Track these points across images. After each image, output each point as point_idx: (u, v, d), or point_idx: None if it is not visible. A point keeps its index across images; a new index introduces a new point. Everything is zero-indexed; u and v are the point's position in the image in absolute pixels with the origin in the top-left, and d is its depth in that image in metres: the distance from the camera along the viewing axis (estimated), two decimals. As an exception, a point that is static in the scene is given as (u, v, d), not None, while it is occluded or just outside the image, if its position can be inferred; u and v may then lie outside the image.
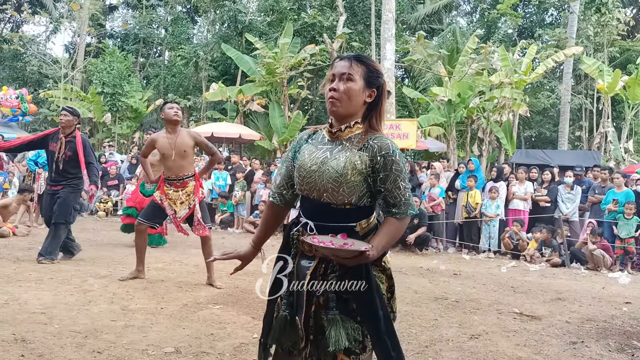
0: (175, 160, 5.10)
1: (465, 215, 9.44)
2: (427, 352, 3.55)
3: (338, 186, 1.89)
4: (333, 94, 1.92)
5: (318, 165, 1.94)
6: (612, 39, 18.75)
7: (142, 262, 5.33)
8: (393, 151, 1.89)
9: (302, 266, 1.97)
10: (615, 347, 3.90)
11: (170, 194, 5.18)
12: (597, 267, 7.98)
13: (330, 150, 1.96)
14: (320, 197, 1.93)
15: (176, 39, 24.66)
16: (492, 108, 14.93)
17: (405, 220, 1.93)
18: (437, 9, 23.36)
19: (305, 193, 1.98)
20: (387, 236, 1.89)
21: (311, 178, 1.94)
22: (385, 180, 1.89)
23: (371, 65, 1.97)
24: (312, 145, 2.02)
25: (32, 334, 3.40)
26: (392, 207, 1.91)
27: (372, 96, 1.96)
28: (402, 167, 1.90)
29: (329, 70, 2.00)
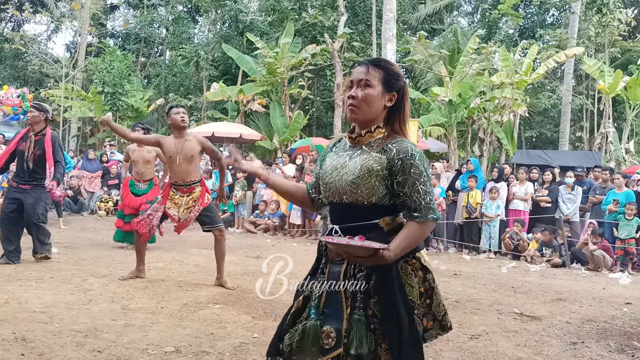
0: (181, 164, 5.07)
1: (466, 215, 9.44)
2: (427, 352, 3.52)
3: (356, 188, 1.89)
4: (352, 101, 1.92)
5: (337, 170, 1.95)
6: (613, 40, 18.72)
7: (142, 262, 5.33)
8: (412, 155, 1.86)
9: (333, 271, 1.95)
10: (616, 347, 3.90)
11: (176, 199, 5.14)
12: (598, 268, 7.97)
13: (350, 155, 1.96)
14: (341, 200, 1.94)
15: (177, 39, 24.68)
16: (493, 108, 14.93)
17: (427, 224, 1.88)
18: (438, 9, 23.35)
19: (329, 199, 2.00)
20: (406, 240, 1.84)
21: (332, 184, 1.96)
22: (403, 184, 1.86)
23: (390, 69, 1.95)
24: (335, 153, 2.03)
25: (32, 333, 3.40)
26: (413, 212, 1.87)
27: (393, 100, 1.95)
28: (423, 171, 1.87)
29: (347, 76, 2.00)
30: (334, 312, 1.88)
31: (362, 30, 20.51)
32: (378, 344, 1.81)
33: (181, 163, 5.07)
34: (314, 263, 2.06)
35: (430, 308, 1.93)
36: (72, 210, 11.78)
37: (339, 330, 1.83)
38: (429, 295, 1.93)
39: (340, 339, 1.82)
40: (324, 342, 1.85)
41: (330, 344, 1.84)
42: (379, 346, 1.81)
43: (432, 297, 1.94)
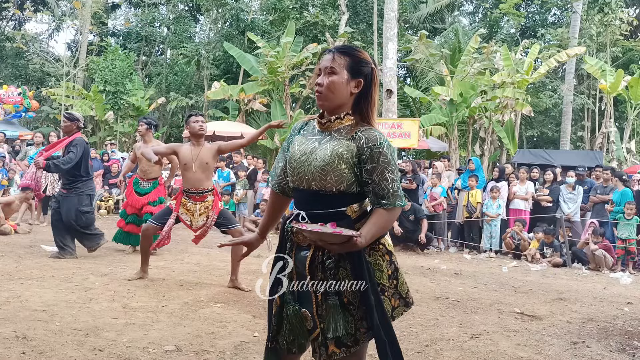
0: (196, 172, 5.04)
1: (467, 215, 9.43)
2: (427, 352, 3.54)
3: (325, 174, 1.91)
4: (317, 88, 1.95)
5: (307, 155, 1.97)
6: (614, 39, 18.71)
7: (147, 263, 5.29)
8: (381, 143, 1.90)
9: (300, 257, 1.99)
10: (616, 347, 3.89)
11: (189, 205, 5.12)
12: (599, 268, 7.97)
13: (319, 140, 1.98)
14: (309, 186, 1.96)
15: (178, 38, 24.68)
16: (494, 108, 14.93)
17: (394, 211, 1.93)
18: (440, 8, 23.33)
19: (296, 184, 2.01)
20: (375, 226, 1.89)
21: (300, 168, 1.97)
22: (372, 172, 1.90)
23: (356, 55, 1.96)
24: (303, 136, 2.05)
25: (33, 332, 3.40)
26: (381, 199, 1.91)
27: (359, 86, 1.96)
28: (391, 159, 1.91)
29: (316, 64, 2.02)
30: (304, 296, 1.97)
31: (364, 29, 20.50)
32: (357, 328, 1.89)
33: (196, 171, 5.04)
34: (277, 249, 2.09)
35: (396, 288, 1.99)
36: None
37: (312, 313, 1.93)
38: (394, 276, 1.99)
39: (316, 322, 1.92)
40: (307, 324, 1.95)
41: (309, 325, 1.95)
42: (357, 330, 1.89)
43: (398, 278, 2.00)
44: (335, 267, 1.92)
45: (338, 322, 1.87)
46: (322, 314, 1.91)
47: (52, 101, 21.21)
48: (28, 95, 18.44)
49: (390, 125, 10.30)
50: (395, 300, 1.99)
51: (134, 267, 5.57)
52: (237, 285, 5.06)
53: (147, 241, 5.22)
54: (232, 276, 5.14)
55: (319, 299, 1.93)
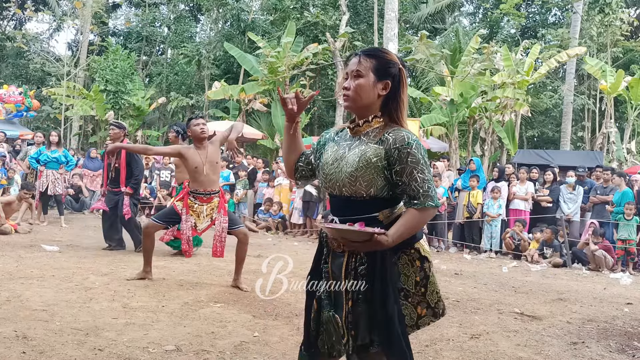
0: (208, 174, 5.04)
1: (467, 215, 9.43)
2: (427, 352, 3.55)
3: (354, 180, 1.91)
4: (345, 92, 1.96)
5: (337, 162, 1.97)
6: (615, 40, 18.71)
7: (149, 263, 5.23)
8: (409, 143, 1.87)
9: (335, 262, 1.99)
10: (616, 347, 3.89)
11: (195, 207, 5.09)
12: (599, 268, 7.97)
13: (349, 146, 1.98)
14: (341, 193, 1.96)
15: (179, 37, 24.69)
16: (495, 108, 14.92)
17: (426, 211, 1.90)
18: (440, 9, 23.34)
19: (329, 190, 2.02)
20: (404, 226, 1.87)
21: (332, 175, 1.98)
22: (401, 173, 1.88)
23: (382, 57, 1.95)
24: (336, 143, 2.05)
25: (33, 331, 3.41)
26: (412, 199, 1.89)
27: (387, 88, 1.95)
28: (420, 158, 1.88)
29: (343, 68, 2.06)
30: (337, 301, 1.96)
31: (364, 29, 20.48)
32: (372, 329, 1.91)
33: (207, 173, 5.03)
34: (316, 254, 2.10)
35: (424, 296, 1.97)
36: (74, 208, 11.79)
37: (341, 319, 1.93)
38: (423, 284, 1.97)
39: (344, 329, 1.92)
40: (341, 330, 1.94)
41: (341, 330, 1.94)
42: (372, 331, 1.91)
43: (427, 286, 1.97)
44: (367, 272, 1.90)
45: (367, 330, 1.88)
46: (351, 321, 1.91)
47: (53, 101, 21.22)
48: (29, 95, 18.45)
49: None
50: (422, 308, 1.97)
51: (134, 267, 5.57)
52: (238, 285, 5.06)
53: (150, 240, 5.17)
54: (235, 275, 5.13)
55: (349, 306, 1.92)
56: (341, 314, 1.93)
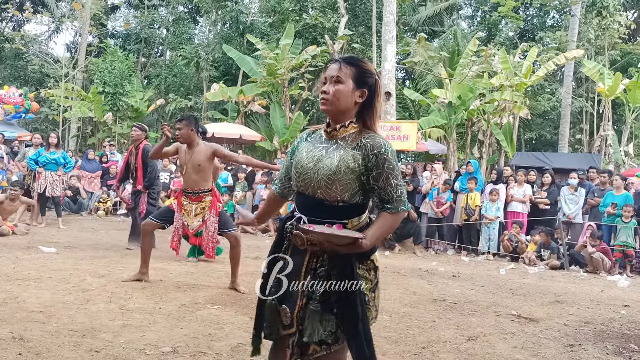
0: (189, 173, 5.07)
1: (465, 217, 9.44)
2: (424, 354, 3.55)
3: (331, 183, 1.99)
4: (323, 95, 2.04)
5: (314, 163, 2.04)
6: (613, 42, 18.75)
7: (147, 264, 5.22)
8: (385, 150, 1.98)
9: (295, 259, 2.08)
10: (613, 350, 3.90)
11: (185, 205, 5.13)
12: (596, 270, 7.98)
13: (326, 148, 2.06)
14: (314, 194, 2.03)
15: (177, 39, 24.69)
16: (493, 110, 14.94)
17: (398, 215, 2.03)
18: (439, 11, 23.38)
19: (301, 189, 2.08)
20: (380, 229, 2.00)
21: (307, 175, 2.05)
22: (377, 178, 1.99)
23: (361, 66, 2.05)
24: (310, 144, 2.13)
25: (30, 333, 3.40)
26: (385, 203, 2.02)
27: (364, 96, 2.04)
28: (395, 165, 2.00)
29: (322, 72, 2.11)
30: (291, 295, 2.06)
31: (363, 31, 20.52)
32: (338, 327, 1.98)
33: (189, 172, 5.07)
34: (273, 247, 2.19)
35: (374, 301, 2.09)
36: (71, 210, 11.78)
37: (293, 312, 2.03)
38: (374, 289, 2.09)
39: (293, 321, 2.02)
40: (283, 319, 2.06)
41: (287, 321, 2.05)
42: (339, 328, 1.98)
43: (376, 292, 2.11)
44: (326, 275, 2.00)
45: (316, 329, 1.96)
46: (302, 317, 2.01)
47: (51, 102, 21.20)
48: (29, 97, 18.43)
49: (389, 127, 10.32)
50: (372, 311, 2.09)
51: (131, 269, 5.56)
52: (236, 287, 5.07)
53: (147, 239, 5.18)
54: (232, 277, 5.14)
55: (303, 302, 2.02)
56: (292, 307, 2.03)
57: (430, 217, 9.76)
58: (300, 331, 2.02)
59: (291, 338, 2.05)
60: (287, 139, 15.97)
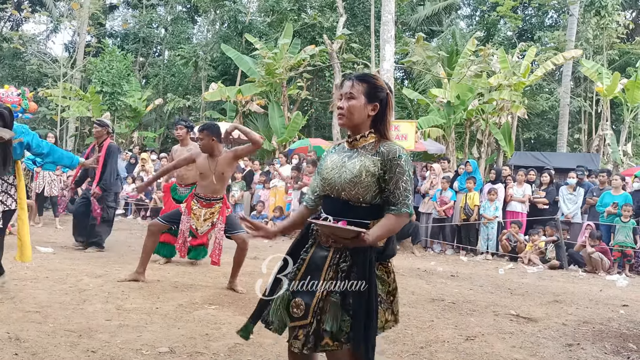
0: (212, 182, 5.04)
1: (464, 217, 9.43)
2: (422, 353, 3.54)
3: (354, 186, 2.18)
4: (339, 111, 2.26)
5: (338, 168, 2.25)
6: (611, 42, 18.75)
7: (145, 265, 5.18)
8: (399, 156, 2.17)
9: (318, 255, 2.23)
10: (611, 349, 3.89)
11: (195, 209, 5.11)
12: (595, 270, 7.98)
13: (349, 156, 2.27)
14: (339, 196, 2.22)
15: (176, 39, 24.64)
16: (491, 110, 14.94)
17: (402, 217, 2.17)
18: (437, 11, 23.36)
19: (326, 192, 2.28)
20: (383, 229, 2.14)
21: (331, 179, 2.25)
22: (389, 181, 2.17)
23: (372, 82, 2.26)
24: (336, 154, 2.35)
25: (26, 333, 3.39)
26: (391, 205, 2.17)
27: (376, 109, 2.25)
28: (406, 171, 2.18)
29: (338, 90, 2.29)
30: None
31: (361, 31, 20.50)
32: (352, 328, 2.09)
33: (213, 181, 5.03)
34: (296, 242, 2.34)
35: (392, 304, 2.24)
36: (69, 210, 11.73)
37: (309, 305, 2.13)
38: (393, 293, 2.25)
39: (308, 312, 2.12)
40: (293, 311, 2.17)
41: (298, 313, 2.16)
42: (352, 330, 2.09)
43: (395, 295, 2.25)
44: (347, 271, 2.13)
45: (335, 319, 2.08)
46: (321, 307, 2.12)
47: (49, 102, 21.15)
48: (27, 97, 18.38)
49: (387, 127, 10.29)
50: (388, 314, 2.22)
51: (128, 269, 5.53)
52: (233, 287, 5.05)
53: (152, 239, 5.14)
54: (231, 278, 5.13)
55: (323, 294, 2.14)
56: (309, 300, 2.14)
57: (435, 218, 9.74)
58: (318, 321, 2.11)
59: (305, 329, 2.12)
60: (285, 139, 15.95)
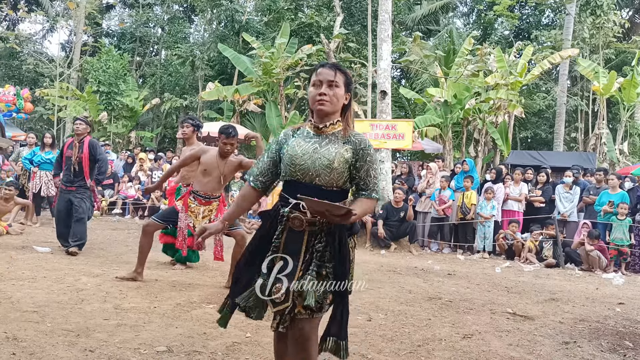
0: (214, 181, 5.07)
1: (461, 215, 9.44)
2: (419, 352, 3.55)
3: (330, 172, 2.30)
4: (323, 97, 2.33)
5: (310, 154, 2.33)
6: (607, 41, 18.81)
7: (142, 265, 5.19)
8: (369, 146, 2.37)
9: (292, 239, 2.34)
10: (608, 347, 3.91)
11: (193, 207, 5.12)
12: (592, 268, 8.01)
13: (319, 142, 2.37)
14: (312, 181, 2.32)
15: (173, 38, 24.59)
16: (488, 109, 14.97)
17: (372, 200, 2.37)
18: (434, 10, 23.37)
19: (297, 177, 2.35)
20: (361, 209, 2.31)
21: (304, 165, 2.32)
22: (359, 170, 2.35)
23: (347, 74, 2.42)
24: (300, 139, 2.41)
25: (24, 332, 3.38)
26: (362, 190, 2.37)
27: (348, 99, 2.42)
28: (375, 160, 2.38)
29: (313, 75, 2.37)
30: (287, 275, 2.30)
31: (358, 30, 20.50)
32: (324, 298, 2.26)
33: (215, 180, 5.06)
34: (262, 232, 2.45)
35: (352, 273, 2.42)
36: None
37: (288, 289, 2.26)
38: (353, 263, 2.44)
39: (289, 296, 2.26)
40: (275, 298, 2.29)
41: (279, 298, 2.28)
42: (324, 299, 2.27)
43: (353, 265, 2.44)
44: (322, 251, 2.29)
45: (310, 294, 2.22)
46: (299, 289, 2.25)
47: (46, 102, 21.11)
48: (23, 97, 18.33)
49: (385, 126, 10.30)
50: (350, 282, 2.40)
51: (126, 269, 5.53)
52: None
53: (147, 238, 5.14)
54: (229, 277, 5.12)
55: (299, 275, 2.28)
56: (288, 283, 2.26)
57: (433, 217, 9.75)
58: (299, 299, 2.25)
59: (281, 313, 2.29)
60: (283, 138, 15.93)
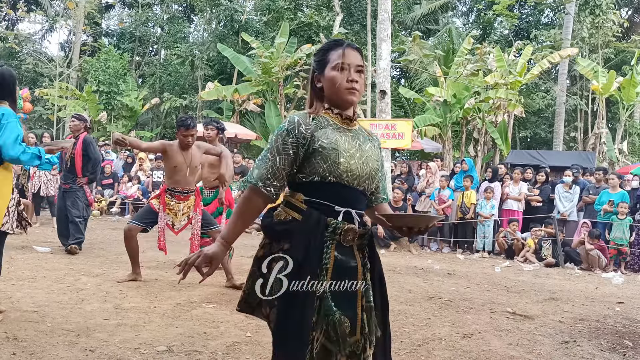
0: (186, 175, 5.09)
1: (460, 215, 9.45)
2: (419, 351, 3.55)
3: (375, 174, 1.95)
4: (355, 85, 1.84)
5: (360, 153, 1.88)
6: (606, 41, 18.82)
7: (137, 264, 5.21)
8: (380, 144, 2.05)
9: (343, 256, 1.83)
10: (607, 346, 3.91)
11: (172, 205, 5.13)
12: (591, 267, 8.01)
13: (353, 138, 1.89)
14: (359, 185, 1.87)
15: (172, 38, 24.61)
16: (488, 109, 14.98)
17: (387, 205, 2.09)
18: (434, 10, 23.39)
19: (344, 181, 1.83)
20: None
21: (354, 165, 1.84)
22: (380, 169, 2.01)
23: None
24: (335, 133, 1.86)
25: (24, 332, 3.38)
26: (381, 194, 2.03)
27: None
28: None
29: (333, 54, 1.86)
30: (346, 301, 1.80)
31: (358, 30, 20.51)
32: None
33: (188, 174, 5.09)
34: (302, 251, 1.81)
35: None
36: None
37: (353, 319, 1.79)
38: None
39: (355, 327, 1.79)
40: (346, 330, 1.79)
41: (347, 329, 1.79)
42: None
43: None
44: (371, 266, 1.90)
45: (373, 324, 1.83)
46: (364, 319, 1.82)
47: (45, 102, 21.10)
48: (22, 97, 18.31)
49: (384, 125, 10.29)
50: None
51: (126, 269, 5.53)
52: (234, 284, 5.04)
53: (131, 242, 5.09)
54: (228, 275, 5.13)
55: (363, 303, 1.83)
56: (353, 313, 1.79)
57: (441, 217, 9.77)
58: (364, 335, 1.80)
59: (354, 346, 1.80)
60: (282, 138, 15.93)
